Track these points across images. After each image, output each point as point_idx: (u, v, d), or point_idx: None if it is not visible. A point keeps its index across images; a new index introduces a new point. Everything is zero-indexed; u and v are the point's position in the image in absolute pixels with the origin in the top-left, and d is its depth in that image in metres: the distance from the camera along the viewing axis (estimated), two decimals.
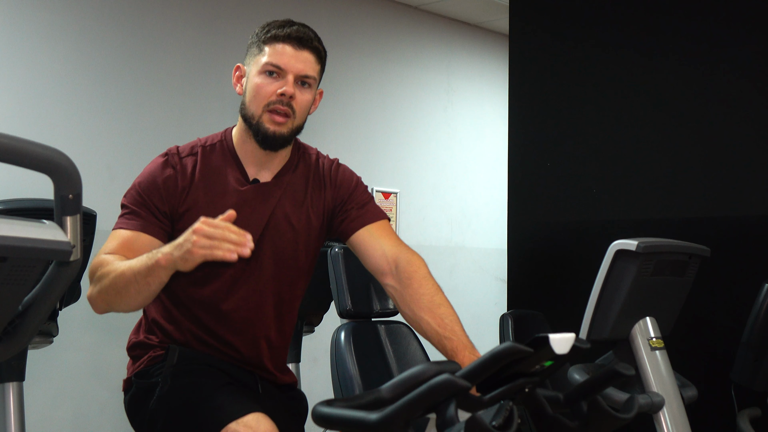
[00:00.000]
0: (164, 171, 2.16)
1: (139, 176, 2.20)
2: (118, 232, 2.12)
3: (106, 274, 2.00)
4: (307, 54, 2.16)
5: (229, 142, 2.24)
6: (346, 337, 2.88)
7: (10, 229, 1.32)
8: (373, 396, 1.25)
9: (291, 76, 2.13)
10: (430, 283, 2.15)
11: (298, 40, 2.14)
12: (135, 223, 2.11)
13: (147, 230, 2.11)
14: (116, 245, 2.08)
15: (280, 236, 2.21)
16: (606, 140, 4.04)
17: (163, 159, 2.19)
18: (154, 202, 2.13)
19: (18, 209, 2.70)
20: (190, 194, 2.16)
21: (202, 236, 1.82)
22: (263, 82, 2.14)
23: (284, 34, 2.14)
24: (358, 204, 2.28)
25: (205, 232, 1.82)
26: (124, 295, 1.98)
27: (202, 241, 1.82)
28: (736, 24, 3.70)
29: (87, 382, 4.32)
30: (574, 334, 1.31)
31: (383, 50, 5.94)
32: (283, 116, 2.13)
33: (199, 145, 2.23)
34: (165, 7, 4.76)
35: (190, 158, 2.20)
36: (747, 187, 3.61)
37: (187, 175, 2.17)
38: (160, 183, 2.15)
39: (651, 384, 2.71)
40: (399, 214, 5.94)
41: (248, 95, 2.17)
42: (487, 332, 4.15)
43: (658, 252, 2.73)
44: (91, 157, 4.33)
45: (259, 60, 2.15)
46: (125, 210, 2.15)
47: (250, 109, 2.16)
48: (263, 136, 2.15)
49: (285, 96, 2.12)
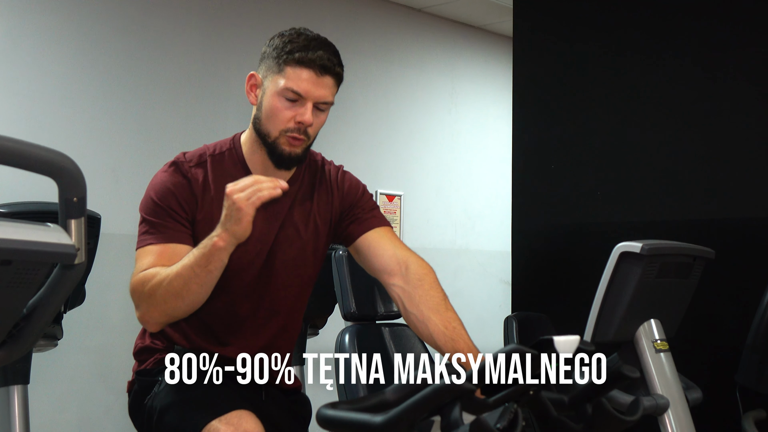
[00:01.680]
0: (175, 179, 2.13)
1: (151, 188, 2.15)
2: (148, 248, 2.07)
3: (158, 285, 1.97)
4: (328, 80, 2.12)
5: (239, 151, 2.21)
6: (350, 339, 2.88)
7: (15, 232, 1.32)
8: (378, 398, 1.25)
9: (310, 103, 2.09)
10: (440, 289, 2.16)
11: (322, 68, 2.09)
12: (163, 235, 2.07)
13: (177, 239, 2.08)
14: (152, 260, 2.04)
15: (290, 245, 2.21)
16: (610, 142, 4.04)
17: (172, 168, 2.16)
18: (174, 209, 2.10)
19: (22, 212, 2.70)
20: (204, 203, 2.13)
21: (239, 193, 1.88)
22: (282, 105, 2.09)
23: (308, 59, 2.08)
24: (365, 209, 2.28)
25: (238, 188, 1.89)
26: (186, 294, 1.97)
27: (243, 195, 1.87)
28: (741, 26, 3.70)
29: (92, 385, 4.33)
30: (578, 336, 1.30)
31: (387, 53, 5.94)
32: (298, 141, 2.12)
33: (208, 154, 2.20)
34: (170, 9, 4.77)
35: (199, 168, 2.16)
36: (752, 189, 3.61)
37: (199, 184, 2.14)
38: (174, 189, 2.12)
39: (656, 386, 2.71)
40: (403, 217, 5.94)
41: (264, 113, 2.13)
42: (492, 334, 4.15)
43: (662, 254, 2.73)
44: (95, 160, 4.34)
45: (278, 80, 2.09)
46: (147, 225, 2.10)
47: (266, 127, 2.13)
48: (278, 157, 2.13)
49: (303, 125, 2.10)
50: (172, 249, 2.06)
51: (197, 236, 2.09)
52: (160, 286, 1.97)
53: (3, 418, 2.79)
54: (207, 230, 2.02)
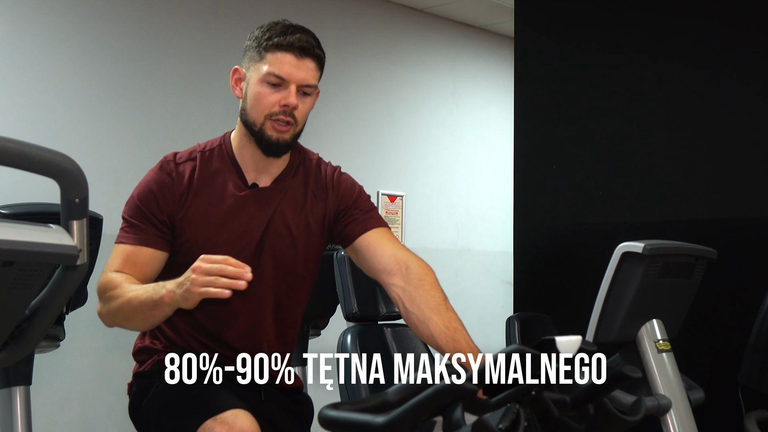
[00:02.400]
0: (159, 179, 2.18)
1: (137, 187, 2.21)
2: (120, 247, 2.15)
3: (114, 298, 2.05)
4: (309, 62, 2.15)
5: (228, 147, 2.24)
6: (352, 340, 2.88)
7: (17, 233, 1.32)
8: (380, 399, 1.25)
9: (293, 86, 2.13)
10: (440, 289, 2.16)
11: (301, 49, 2.13)
12: (136, 237, 2.14)
13: (148, 243, 2.13)
14: (120, 262, 2.12)
15: (279, 241, 2.21)
16: (612, 142, 4.04)
17: (158, 167, 2.21)
18: (152, 212, 2.15)
19: (24, 213, 2.71)
20: (188, 200, 2.17)
21: (200, 273, 1.85)
22: (265, 91, 2.14)
23: (287, 42, 2.13)
24: (362, 210, 2.28)
25: (203, 269, 1.85)
26: (131, 321, 2.06)
27: (201, 279, 1.84)
28: (743, 27, 3.69)
29: (94, 386, 4.33)
30: (580, 336, 1.30)
31: (388, 53, 5.94)
32: (285, 125, 2.14)
33: (198, 150, 2.24)
34: (171, 10, 4.77)
35: (188, 164, 2.21)
36: (754, 189, 3.61)
37: (184, 182, 2.17)
38: (156, 191, 2.16)
39: (658, 386, 2.71)
40: (405, 217, 5.93)
41: (249, 102, 2.17)
42: (494, 335, 4.15)
43: (664, 254, 2.73)
44: (97, 161, 4.34)
45: (260, 68, 2.14)
46: (125, 223, 2.17)
47: (251, 116, 2.16)
48: (266, 143, 2.16)
49: (288, 107, 2.13)
50: (140, 252, 2.12)
51: (179, 233, 2.15)
52: (114, 300, 2.05)
53: (5, 418, 2.79)
54: (188, 227, 2.12)
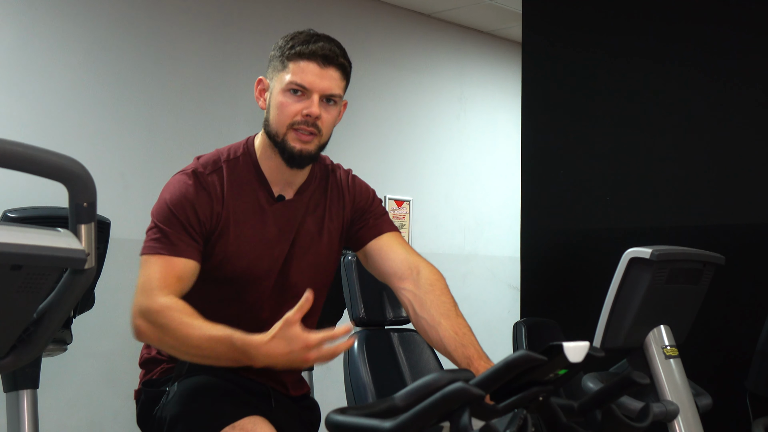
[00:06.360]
0: (196, 190, 2.09)
1: (167, 193, 2.10)
2: (157, 258, 2.02)
3: (173, 329, 1.91)
4: (333, 71, 2.10)
5: (253, 156, 2.18)
6: (359, 345, 2.88)
7: (25, 237, 1.33)
8: (387, 404, 1.25)
9: (316, 95, 2.08)
10: (450, 295, 2.16)
11: (324, 58, 2.08)
12: (172, 247, 2.02)
13: (186, 254, 2.03)
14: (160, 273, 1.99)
15: (306, 252, 2.20)
16: (619, 148, 4.03)
17: (192, 179, 2.10)
18: (191, 223, 2.05)
19: (32, 217, 2.71)
20: (222, 214, 2.10)
21: (315, 353, 1.77)
22: (287, 100, 2.08)
23: (309, 51, 2.07)
24: (375, 214, 2.28)
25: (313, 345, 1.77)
26: (183, 353, 1.95)
27: (315, 355, 1.77)
28: (749, 33, 3.69)
29: (101, 390, 4.33)
30: (588, 342, 1.30)
31: (396, 58, 5.95)
32: (308, 135, 2.09)
33: (222, 159, 2.16)
34: (179, 15, 4.78)
35: (215, 175, 2.13)
36: (762, 195, 3.60)
37: (217, 195, 2.10)
38: (195, 202, 2.07)
39: (665, 392, 2.70)
40: (412, 222, 5.93)
41: (272, 112, 2.11)
42: (501, 340, 4.14)
43: (672, 260, 2.72)
44: (105, 165, 4.35)
45: (283, 77, 2.09)
46: (159, 233, 2.04)
47: (274, 126, 2.11)
48: (289, 155, 2.10)
49: (310, 117, 2.08)
50: (179, 263, 2.01)
51: (212, 247, 2.07)
52: (173, 332, 1.91)
53: (13, 421, 2.80)
54: (222, 241, 2.05)
